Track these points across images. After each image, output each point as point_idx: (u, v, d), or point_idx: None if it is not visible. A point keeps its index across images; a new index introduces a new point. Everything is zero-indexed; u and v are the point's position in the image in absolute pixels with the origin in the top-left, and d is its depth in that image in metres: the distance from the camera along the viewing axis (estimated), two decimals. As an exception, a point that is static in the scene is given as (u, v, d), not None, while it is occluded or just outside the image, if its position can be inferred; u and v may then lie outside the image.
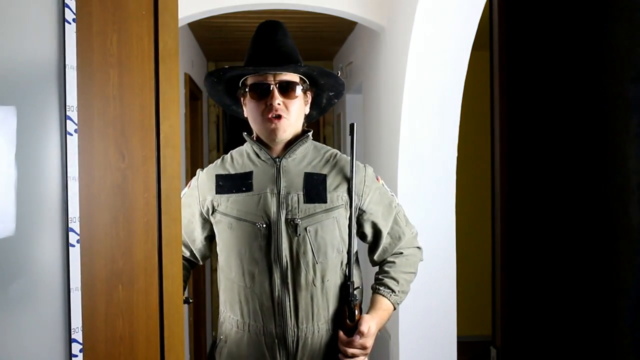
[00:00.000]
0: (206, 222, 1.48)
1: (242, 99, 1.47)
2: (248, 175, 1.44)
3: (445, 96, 2.29)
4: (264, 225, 1.37)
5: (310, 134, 1.53)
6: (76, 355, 1.11)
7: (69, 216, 1.10)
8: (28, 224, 1.04)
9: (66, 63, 1.09)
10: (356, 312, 1.40)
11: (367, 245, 1.58)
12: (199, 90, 3.81)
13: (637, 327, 2.96)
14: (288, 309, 1.36)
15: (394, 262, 1.53)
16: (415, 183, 2.33)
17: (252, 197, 1.41)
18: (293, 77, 1.41)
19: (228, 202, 1.42)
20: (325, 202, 1.41)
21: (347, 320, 1.40)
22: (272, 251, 1.37)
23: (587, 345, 3.16)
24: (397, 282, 1.50)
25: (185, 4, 2.42)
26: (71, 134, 1.10)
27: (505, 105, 2.88)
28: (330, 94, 1.54)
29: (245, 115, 1.49)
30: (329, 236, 1.41)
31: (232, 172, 1.47)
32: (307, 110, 1.51)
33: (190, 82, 3.44)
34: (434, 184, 2.35)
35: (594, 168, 3.42)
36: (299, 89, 1.41)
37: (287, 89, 1.38)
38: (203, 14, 2.53)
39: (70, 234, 1.10)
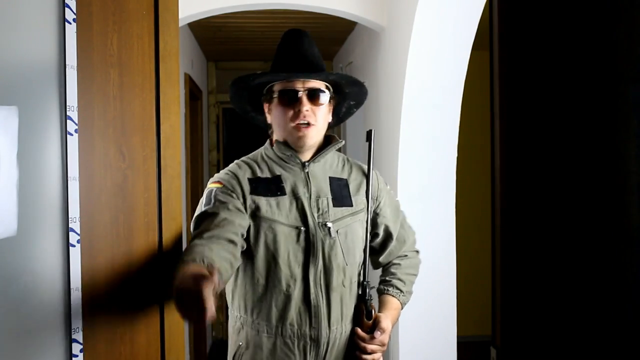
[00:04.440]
0: (245, 216, 1.39)
1: (267, 105, 1.45)
2: (279, 179, 1.42)
3: (445, 96, 2.29)
4: (302, 229, 1.38)
5: (341, 139, 1.56)
6: (76, 355, 1.11)
7: (69, 216, 1.09)
8: (29, 224, 1.04)
9: (66, 63, 1.09)
10: (372, 310, 1.43)
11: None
12: (198, 90, 3.80)
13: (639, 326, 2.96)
14: (322, 311, 1.38)
15: (399, 264, 1.56)
16: (415, 183, 2.33)
17: (287, 200, 1.40)
18: (320, 84, 1.41)
19: (266, 205, 1.39)
20: (352, 205, 1.44)
21: (365, 319, 1.42)
22: (310, 255, 1.38)
23: (587, 344, 3.16)
24: (404, 283, 1.54)
25: (185, 4, 2.41)
26: (71, 134, 1.10)
27: (505, 105, 2.88)
28: (352, 102, 1.56)
29: (269, 122, 1.46)
30: (357, 239, 1.44)
31: (261, 175, 1.43)
32: (330, 118, 1.50)
33: (190, 82, 3.44)
34: (434, 184, 2.35)
35: (594, 168, 3.42)
36: (325, 97, 1.41)
37: (315, 96, 1.38)
38: (203, 14, 2.53)
39: (71, 234, 1.10)
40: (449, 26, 2.20)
